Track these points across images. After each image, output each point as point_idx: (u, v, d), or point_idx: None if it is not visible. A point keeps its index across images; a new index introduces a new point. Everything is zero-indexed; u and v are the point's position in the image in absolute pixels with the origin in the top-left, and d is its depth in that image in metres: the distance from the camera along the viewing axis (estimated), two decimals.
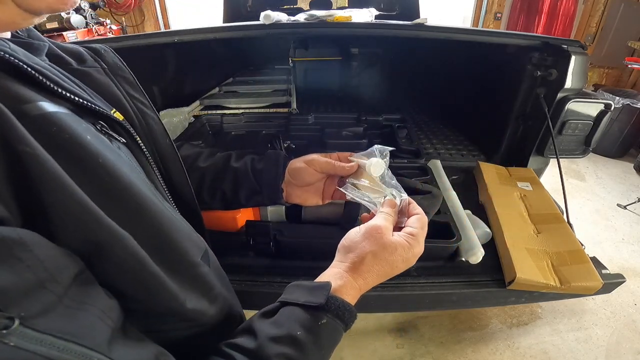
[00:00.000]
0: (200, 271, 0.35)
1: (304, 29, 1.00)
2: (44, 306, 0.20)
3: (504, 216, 0.87)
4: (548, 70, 0.96)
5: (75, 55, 0.37)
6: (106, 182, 0.27)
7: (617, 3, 3.04)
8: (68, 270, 0.23)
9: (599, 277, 0.71)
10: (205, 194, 0.58)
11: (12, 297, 0.19)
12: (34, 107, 0.25)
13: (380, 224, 0.41)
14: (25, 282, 0.20)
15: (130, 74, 0.42)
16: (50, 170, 0.23)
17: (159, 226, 0.31)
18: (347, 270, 0.39)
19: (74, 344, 0.21)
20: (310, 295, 0.35)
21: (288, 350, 0.32)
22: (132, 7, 3.44)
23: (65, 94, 0.29)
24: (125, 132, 0.36)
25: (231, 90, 1.62)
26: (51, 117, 0.26)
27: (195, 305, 0.33)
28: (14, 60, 0.26)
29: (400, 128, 1.24)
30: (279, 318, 0.35)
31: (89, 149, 0.27)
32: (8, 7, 0.26)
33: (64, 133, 0.26)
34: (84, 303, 0.23)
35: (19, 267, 0.20)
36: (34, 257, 0.20)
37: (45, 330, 0.20)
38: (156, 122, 0.43)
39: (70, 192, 0.24)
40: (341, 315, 0.35)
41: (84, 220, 0.24)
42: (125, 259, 0.27)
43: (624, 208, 1.99)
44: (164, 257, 0.30)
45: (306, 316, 0.34)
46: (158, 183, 0.40)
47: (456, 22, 3.95)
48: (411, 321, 1.30)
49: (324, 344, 0.34)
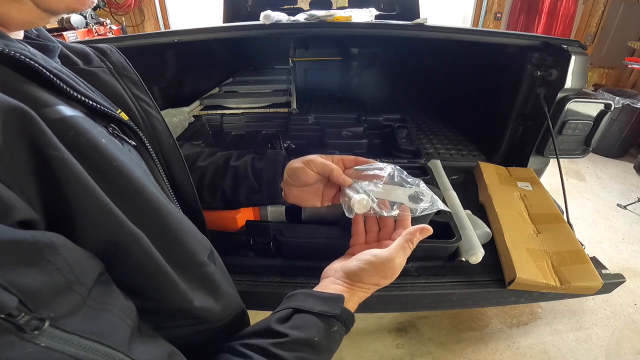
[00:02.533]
0: (207, 270, 0.36)
1: (304, 29, 1.00)
2: (71, 307, 0.21)
3: (504, 216, 0.87)
4: (548, 70, 0.96)
5: (82, 56, 0.38)
6: (120, 185, 0.28)
7: (617, 3, 3.04)
8: (91, 271, 0.24)
9: (599, 277, 0.71)
10: (206, 193, 0.58)
11: (43, 299, 0.19)
12: (53, 111, 0.26)
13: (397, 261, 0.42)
14: (55, 284, 0.20)
15: (135, 74, 0.42)
16: (77, 174, 0.24)
17: (169, 227, 0.31)
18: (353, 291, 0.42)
19: (99, 344, 0.22)
20: (324, 305, 0.39)
21: (305, 354, 0.35)
22: (132, 7, 3.44)
23: (80, 97, 0.30)
24: (134, 134, 0.37)
25: (231, 90, 1.62)
26: (69, 121, 0.26)
27: (203, 304, 0.34)
28: (35, 65, 0.26)
29: (400, 128, 1.24)
30: (295, 323, 0.37)
31: (105, 152, 0.27)
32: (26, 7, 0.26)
33: (81, 137, 0.26)
34: (106, 303, 0.24)
35: (49, 270, 0.20)
36: (62, 259, 0.21)
37: (73, 330, 0.21)
38: (160, 122, 0.43)
39: (94, 195, 0.25)
40: (347, 323, 0.39)
41: (106, 221, 0.25)
42: (141, 259, 0.28)
43: (624, 208, 1.99)
44: (174, 257, 0.31)
45: (322, 324, 0.37)
46: (164, 184, 0.41)
47: (456, 22, 3.94)
48: (411, 321, 1.30)
49: (332, 347, 0.38)
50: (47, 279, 0.20)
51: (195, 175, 0.56)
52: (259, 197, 0.57)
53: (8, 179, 0.20)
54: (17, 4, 0.26)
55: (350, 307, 0.41)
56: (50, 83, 0.28)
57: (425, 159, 1.08)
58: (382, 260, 0.42)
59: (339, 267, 0.45)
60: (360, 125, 1.29)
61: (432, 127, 1.52)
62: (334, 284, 0.43)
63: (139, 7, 3.55)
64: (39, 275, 0.19)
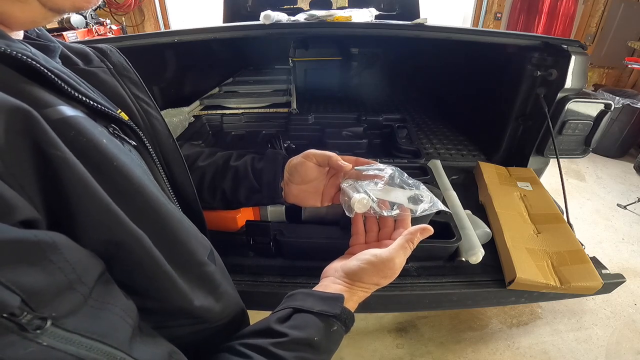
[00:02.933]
0: (207, 270, 0.36)
1: (304, 29, 1.00)
2: (73, 306, 0.21)
3: (504, 216, 0.87)
4: (548, 70, 0.96)
5: (82, 56, 0.38)
6: (121, 184, 0.28)
7: (617, 3, 3.04)
8: (93, 271, 0.24)
9: (599, 277, 0.71)
10: (206, 193, 0.58)
11: (45, 298, 0.20)
12: (54, 112, 0.26)
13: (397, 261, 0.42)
14: (57, 284, 0.20)
15: (135, 74, 0.42)
16: (79, 174, 0.24)
17: (169, 227, 0.32)
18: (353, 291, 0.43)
19: (100, 343, 0.22)
20: (324, 305, 0.39)
21: (305, 354, 0.35)
22: (132, 7, 3.44)
23: (81, 97, 0.30)
24: (134, 134, 0.37)
25: (231, 90, 1.62)
26: (70, 121, 0.26)
27: (203, 303, 0.34)
28: (36, 65, 0.26)
29: (400, 128, 1.24)
30: (295, 323, 0.37)
31: (106, 152, 0.27)
32: (31, 7, 0.26)
33: (82, 137, 0.26)
34: (107, 303, 0.24)
35: (51, 269, 0.20)
36: (64, 259, 0.21)
37: (74, 329, 0.21)
38: (160, 122, 0.43)
39: (96, 195, 0.25)
40: (347, 323, 0.39)
41: (108, 221, 0.25)
42: (142, 258, 0.28)
43: (624, 208, 1.99)
44: (174, 256, 0.31)
45: (321, 324, 0.37)
46: (164, 184, 0.41)
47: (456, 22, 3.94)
48: (411, 321, 1.30)
49: (332, 347, 0.38)
50: (49, 279, 0.20)
51: (195, 175, 0.56)
52: (259, 197, 0.57)
53: (10, 178, 0.20)
54: (20, 4, 0.25)
55: (350, 306, 0.41)
56: (51, 83, 0.28)
57: (425, 159, 1.08)
58: (382, 259, 0.42)
59: (339, 266, 0.45)
60: (360, 125, 1.29)
61: (432, 127, 1.52)
62: (334, 283, 0.43)
63: (139, 7, 3.55)
64: (41, 275, 0.20)
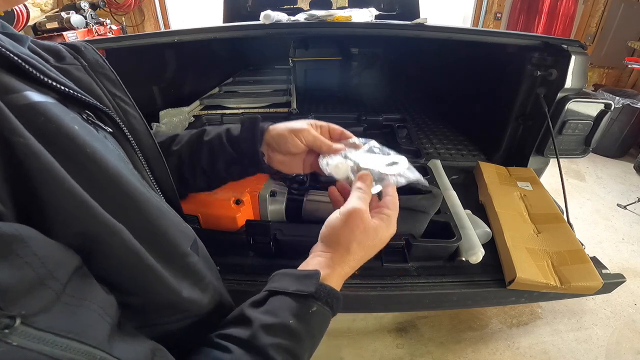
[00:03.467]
0: (190, 261, 0.35)
1: (304, 29, 1.00)
2: (44, 303, 0.20)
3: (504, 216, 0.87)
4: (548, 70, 0.96)
5: (53, 52, 0.36)
6: (95, 173, 0.26)
7: (617, 3, 3.04)
8: (66, 265, 0.22)
9: (599, 277, 0.71)
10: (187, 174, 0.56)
11: (12, 295, 0.18)
12: (20, 97, 0.25)
13: (359, 207, 0.40)
14: (25, 279, 0.19)
15: (111, 71, 0.40)
16: (44, 162, 0.23)
17: (149, 216, 0.30)
18: (333, 259, 0.39)
19: (77, 342, 0.21)
20: (299, 284, 0.36)
21: (282, 340, 0.32)
22: (132, 7, 3.44)
23: (51, 83, 0.29)
24: (111, 121, 0.35)
25: (231, 90, 1.62)
26: (38, 107, 0.25)
27: (190, 295, 0.33)
28: (1, 49, 0.25)
29: (400, 128, 1.24)
30: (269, 307, 0.34)
31: (77, 139, 0.26)
32: None
33: (51, 123, 0.25)
34: (83, 299, 0.23)
35: (18, 264, 0.19)
36: (32, 252, 0.20)
37: (47, 328, 0.19)
38: (139, 121, 0.41)
39: (64, 184, 0.23)
40: (330, 302, 0.36)
41: (79, 212, 0.24)
42: (121, 252, 0.26)
43: (624, 208, 1.99)
44: (156, 247, 0.30)
45: (297, 305, 0.34)
46: (144, 172, 0.39)
47: (456, 22, 3.95)
48: (411, 321, 1.30)
49: (315, 332, 0.35)
50: (16, 274, 0.19)
51: (172, 159, 0.54)
52: (239, 167, 0.55)
53: None
54: None
55: (334, 283, 0.37)
56: (17, 68, 0.26)
57: (425, 159, 1.08)
58: (345, 212, 0.40)
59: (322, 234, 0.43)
60: (360, 125, 1.29)
61: (432, 127, 1.52)
62: (315, 257, 0.41)
63: (139, 7, 3.55)
64: (7, 270, 0.18)
